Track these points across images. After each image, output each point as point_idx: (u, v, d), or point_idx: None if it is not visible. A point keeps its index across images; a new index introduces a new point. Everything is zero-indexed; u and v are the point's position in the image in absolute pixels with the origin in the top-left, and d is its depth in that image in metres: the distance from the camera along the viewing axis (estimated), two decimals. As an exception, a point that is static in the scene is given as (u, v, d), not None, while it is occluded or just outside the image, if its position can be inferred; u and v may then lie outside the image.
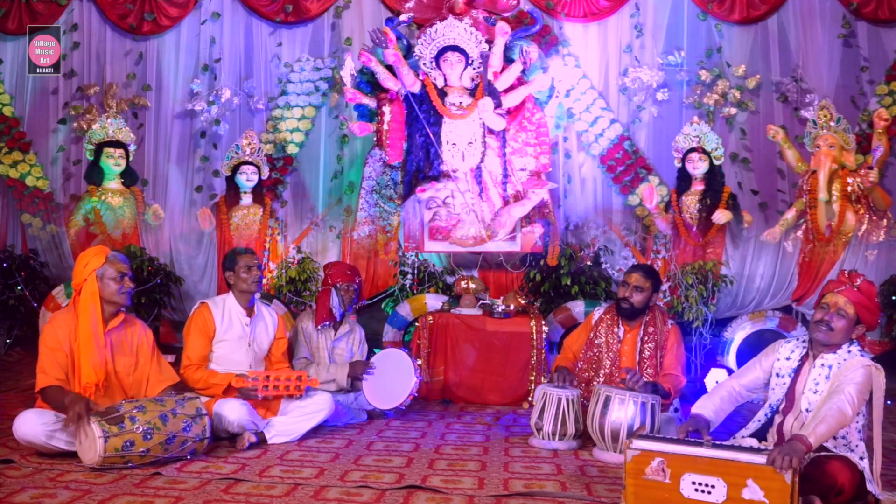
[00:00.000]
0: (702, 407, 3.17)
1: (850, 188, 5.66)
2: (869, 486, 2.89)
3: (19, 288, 6.27)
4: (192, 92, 7.22)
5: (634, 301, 4.09)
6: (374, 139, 5.96)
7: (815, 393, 3.01)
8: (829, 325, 3.02)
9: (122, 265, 3.64)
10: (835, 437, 2.93)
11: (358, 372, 4.47)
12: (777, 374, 3.17)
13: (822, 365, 3.05)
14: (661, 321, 4.17)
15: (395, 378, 4.46)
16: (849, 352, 3.03)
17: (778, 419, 3.14)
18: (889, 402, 5.25)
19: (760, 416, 3.20)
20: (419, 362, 5.05)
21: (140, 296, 5.86)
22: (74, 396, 3.35)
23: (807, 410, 3.01)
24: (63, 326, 3.53)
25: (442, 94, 5.74)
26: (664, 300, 5.63)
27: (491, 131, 5.76)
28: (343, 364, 4.56)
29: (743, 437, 3.16)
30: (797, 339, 3.23)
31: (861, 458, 2.93)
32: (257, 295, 4.19)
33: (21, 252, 6.88)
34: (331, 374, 4.51)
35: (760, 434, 3.18)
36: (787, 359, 3.17)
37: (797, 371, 3.12)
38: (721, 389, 3.25)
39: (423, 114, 5.69)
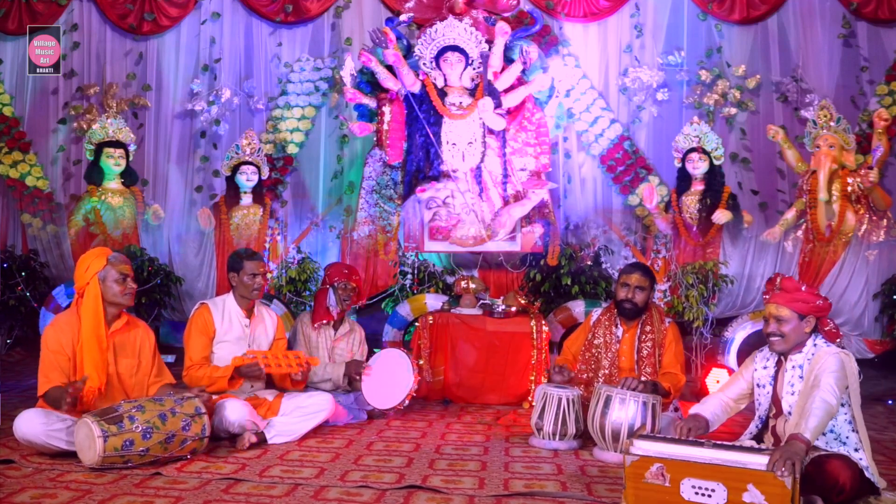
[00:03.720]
0: (699, 409, 3.25)
1: (850, 188, 5.66)
2: (867, 474, 2.92)
3: (19, 288, 6.27)
4: (192, 92, 7.22)
5: (637, 301, 4.10)
6: (374, 139, 5.96)
7: (792, 395, 3.08)
8: (776, 333, 3.09)
9: (124, 266, 3.64)
10: (823, 433, 2.94)
11: (353, 371, 4.46)
12: (758, 385, 3.25)
13: (794, 366, 3.11)
14: (658, 320, 4.17)
15: (392, 378, 4.46)
16: (815, 345, 3.09)
17: (772, 423, 3.20)
18: (890, 402, 5.25)
19: (751, 427, 3.26)
20: (420, 362, 5.05)
21: (140, 296, 5.85)
22: (61, 390, 3.35)
23: (788, 413, 3.07)
24: (66, 329, 3.53)
25: (442, 94, 5.74)
26: (664, 300, 5.63)
27: (491, 131, 5.76)
28: (339, 363, 4.56)
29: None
30: (768, 348, 3.27)
31: (856, 450, 2.96)
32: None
33: (21, 252, 6.88)
34: (327, 373, 4.51)
35: (756, 440, 3.21)
36: (764, 368, 3.24)
37: (775, 378, 3.18)
38: (712, 398, 3.34)
39: (423, 114, 5.69)
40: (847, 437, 2.98)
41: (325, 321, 4.68)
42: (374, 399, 4.44)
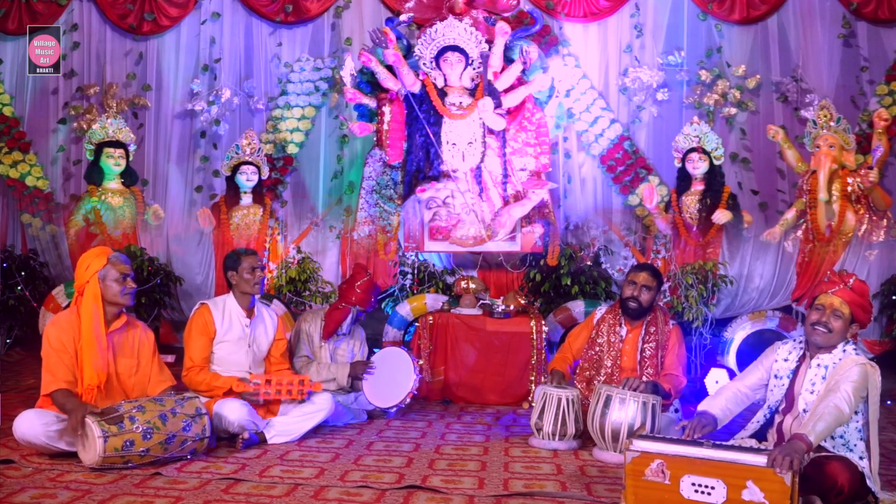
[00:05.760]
0: (708, 405, 3.21)
1: (850, 188, 5.66)
2: (868, 483, 2.91)
3: (19, 288, 6.27)
4: (192, 92, 7.22)
5: (643, 300, 4.10)
6: (374, 139, 5.96)
7: (811, 393, 3.04)
8: (827, 326, 3.05)
9: (124, 266, 3.64)
10: (833, 437, 2.94)
11: (359, 372, 4.47)
12: (776, 376, 3.20)
13: (819, 365, 3.07)
14: (662, 321, 4.17)
15: (395, 377, 4.46)
16: (844, 351, 3.06)
17: (777, 419, 3.17)
18: (889, 403, 5.25)
19: (759, 417, 3.22)
20: (420, 362, 5.05)
21: (140, 296, 5.85)
22: (76, 404, 3.35)
23: (804, 411, 3.04)
24: (66, 328, 3.53)
25: (442, 94, 5.73)
26: (664, 300, 5.63)
27: (491, 131, 5.76)
28: (344, 364, 4.56)
29: (743, 437, 3.17)
30: (794, 341, 3.25)
31: (861, 458, 2.94)
32: (257, 296, 4.19)
33: (21, 252, 6.88)
34: (331, 373, 4.51)
35: (760, 435, 3.20)
36: (785, 360, 3.20)
37: (795, 372, 3.15)
38: (726, 391, 3.29)
39: (423, 114, 5.68)
40: (855, 445, 2.97)
41: (332, 336, 4.69)
42: (375, 398, 4.44)
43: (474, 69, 5.76)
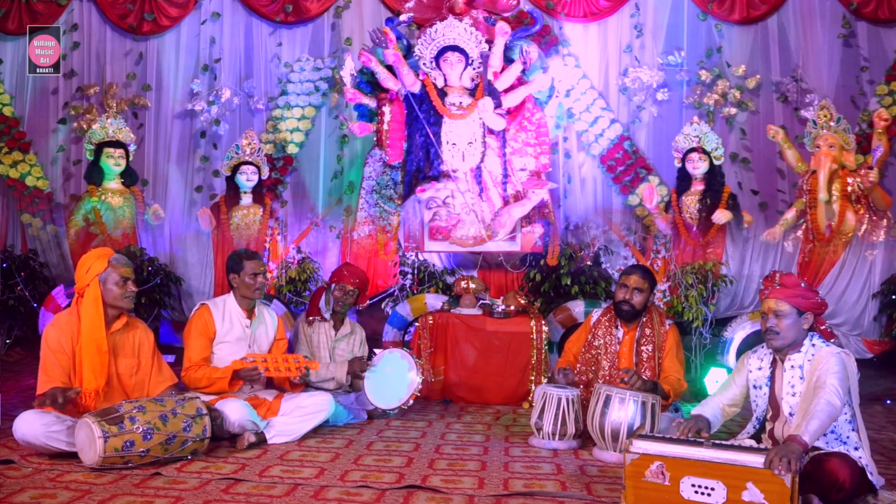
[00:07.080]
0: (702, 410, 3.25)
1: (850, 188, 5.66)
2: (871, 478, 2.93)
3: (19, 288, 6.27)
4: (192, 92, 7.22)
5: (635, 302, 4.09)
6: (374, 139, 5.96)
7: (793, 396, 3.05)
8: (774, 330, 3.06)
9: (126, 269, 3.63)
10: (824, 434, 2.94)
11: (357, 369, 4.47)
12: (754, 386, 3.22)
13: (793, 367, 3.08)
14: (658, 322, 4.16)
15: (397, 377, 4.45)
16: (813, 345, 3.07)
17: (768, 426, 3.18)
18: (888, 402, 5.25)
19: (749, 428, 3.24)
20: (421, 362, 5.05)
21: (140, 296, 5.85)
22: (55, 391, 3.38)
23: (790, 414, 3.04)
24: (66, 329, 3.53)
25: (442, 94, 5.74)
26: (664, 300, 5.63)
27: (491, 131, 5.76)
28: (342, 362, 4.57)
29: (743, 438, 3.18)
30: (762, 348, 3.26)
31: (856, 449, 2.95)
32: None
33: (21, 252, 6.87)
34: (330, 371, 4.51)
35: (756, 439, 3.20)
36: (759, 369, 3.22)
37: (772, 378, 3.16)
38: (711, 401, 3.33)
39: (423, 114, 5.69)
40: (847, 437, 2.98)
41: (317, 318, 4.70)
42: (377, 399, 4.43)
43: (474, 69, 5.76)
